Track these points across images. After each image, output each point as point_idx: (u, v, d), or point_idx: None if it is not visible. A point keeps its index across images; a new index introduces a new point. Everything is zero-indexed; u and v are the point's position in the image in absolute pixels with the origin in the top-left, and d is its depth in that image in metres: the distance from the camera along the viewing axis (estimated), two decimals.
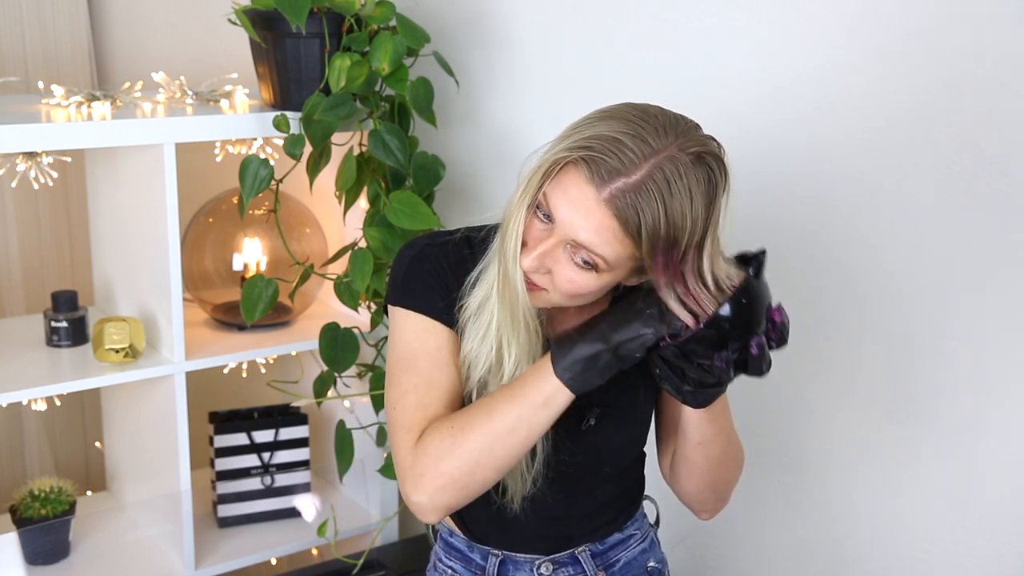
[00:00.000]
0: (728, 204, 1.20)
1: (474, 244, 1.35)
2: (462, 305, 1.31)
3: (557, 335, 1.27)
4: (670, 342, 1.19)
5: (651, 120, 1.18)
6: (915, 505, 1.62)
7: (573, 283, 1.21)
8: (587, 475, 1.41)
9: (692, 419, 1.33)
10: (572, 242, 1.19)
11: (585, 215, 1.17)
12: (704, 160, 1.17)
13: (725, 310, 1.16)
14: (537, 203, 1.21)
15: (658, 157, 1.15)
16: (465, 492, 1.26)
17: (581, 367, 1.22)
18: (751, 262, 1.22)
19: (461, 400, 1.33)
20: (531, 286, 1.24)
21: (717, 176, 1.18)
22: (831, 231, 1.65)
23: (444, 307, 1.32)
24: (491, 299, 1.28)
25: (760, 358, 1.19)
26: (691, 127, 1.19)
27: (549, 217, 1.21)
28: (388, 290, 1.37)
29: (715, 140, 1.20)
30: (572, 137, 1.19)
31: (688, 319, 1.18)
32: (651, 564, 1.51)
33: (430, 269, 1.33)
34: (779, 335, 1.20)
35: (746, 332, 1.18)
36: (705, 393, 1.24)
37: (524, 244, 1.23)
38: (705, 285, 1.18)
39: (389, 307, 1.36)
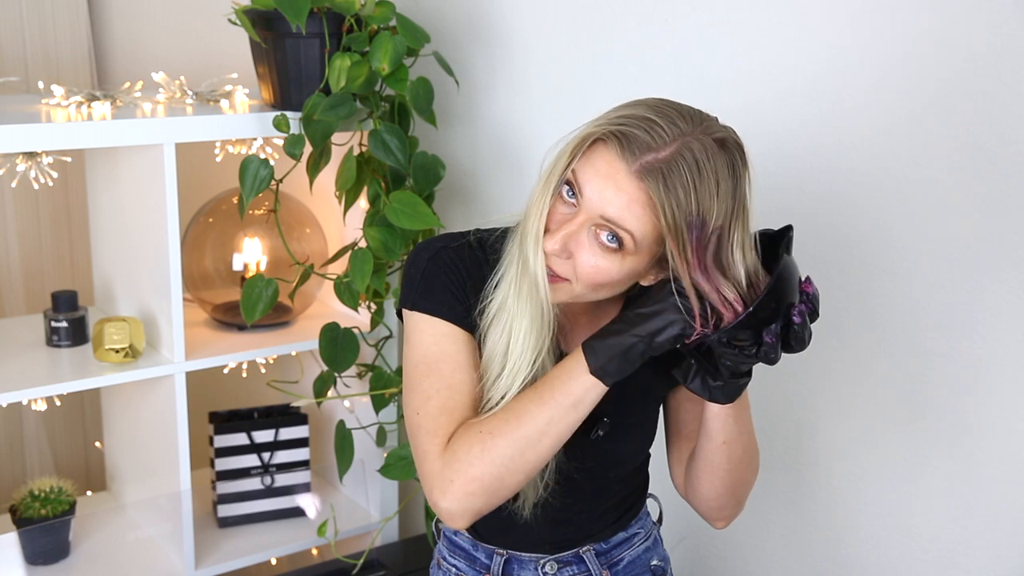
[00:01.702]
0: (752, 197, 1.21)
1: (487, 246, 1.34)
2: (482, 308, 1.30)
3: (587, 340, 1.26)
4: (709, 332, 1.18)
5: (677, 107, 1.21)
6: (915, 505, 1.62)
7: (596, 268, 1.20)
8: (595, 481, 1.41)
9: (718, 417, 1.31)
10: (599, 220, 1.19)
11: (615, 189, 1.17)
12: (727, 146, 1.19)
13: (769, 292, 1.16)
14: (565, 182, 1.21)
15: (687, 138, 1.17)
16: (494, 497, 1.25)
17: (616, 360, 1.22)
18: (782, 239, 1.22)
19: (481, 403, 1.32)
20: (552, 278, 1.23)
21: (739, 164, 1.20)
22: (831, 232, 1.65)
23: (462, 311, 1.31)
24: (509, 299, 1.27)
25: (803, 326, 1.18)
26: (713, 118, 1.22)
27: (574, 196, 1.20)
28: (403, 293, 1.34)
29: (735, 131, 1.23)
30: (600, 120, 1.21)
31: (727, 311, 1.17)
32: (654, 562, 1.52)
33: (447, 272, 1.31)
34: (811, 307, 1.20)
35: (786, 306, 1.18)
36: (735, 385, 1.24)
37: (547, 230, 1.22)
38: (725, 274, 1.18)
39: (405, 311, 1.34)
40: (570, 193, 1.21)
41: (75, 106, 1.99)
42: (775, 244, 1.23)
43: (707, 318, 1.19)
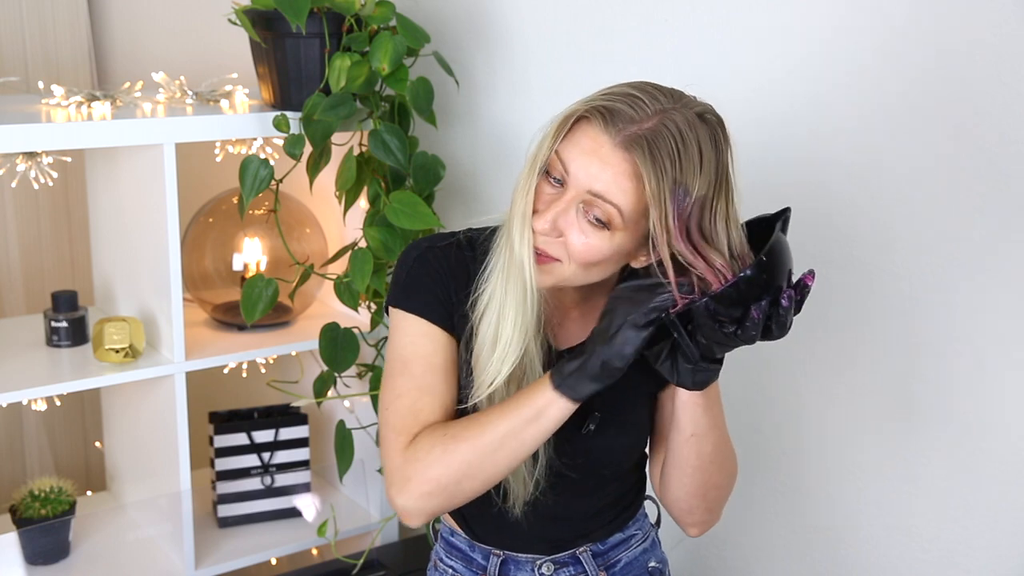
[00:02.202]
0: (735, 172, 1.23)
1: (476, 245, 1.35)
2: (473, 301, 1.30)
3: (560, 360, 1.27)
4: (698, 298, 1.18)
5: (657, 86, 1.23)
6: (915, 505, 1.62)
7: (587, 246, 1.21)
8: (588, 478, 1.41)
9: (687, 407, 1.32)
10: (586, 196, 1.19)
11: (601, 163, 1.18)
12: (707, 119, 1.21)
13: (761, 263, 1.16)
14: (551, 163, 1.22)
15: (668, 111, 1.19)
16: (451, 500, 1.27)
17: (575, 375, 1.23)
18: (779, 219, 1.24)
19: (454, 407, 1.33)
20: (544, 258, 1.24)
21: (720, 137, 1.21)
22: (831, 232, 1.65)
23: (444, 312, 1.32)
24: (498, 287, 1.27)
25: (788, 311, 1.18)
26: (692, 96, 1.24)
27: (560, 181, 1.21)
28: (389, 290, 1.37)
29: (714, 108, 1.24)
30: (582, 100, 1.22)
31: (715, 278, 1.18)
32: (652, 564, 1.52)
33: (432, 272, 1.33)
34: (801, 296, 1.20)
35: (776, 287, 1.18)
36: (705, 371, 1.24)
37: (536, 211, 1.23)
38: (711, 245, 1.18)
39: (390, 308, 1.36)
40: (556, 180, 1.22)
41: (75, 106, 1.99)
42: (771, 225, 1.24)
43: (692, 287, 1.19)
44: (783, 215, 1.25)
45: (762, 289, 1.17)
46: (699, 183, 1.17)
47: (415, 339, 1.32)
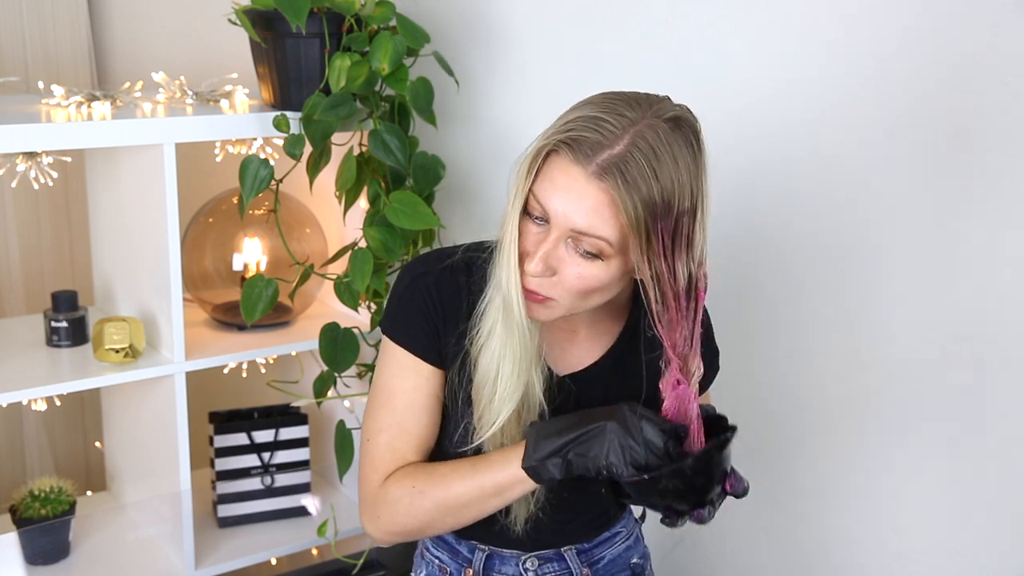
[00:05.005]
0: (708, 177, 1.20)
1: (473, 268, 1.33)
2: (471, 337, 1.30)
3: (533, 425, 1.28)
4: (642, 477, 1.19)
5: (622, 97, 1.19)
6: (915, 506, 1.62)
7: (582, 278, 1.19)
8: (587, 495, 1.44)
9: None
10: (571, 233, 1.18)
11: (578, 198, 1.16)
12: (681, 125, 1.17)
13: (688, 465, 1.18)
14: (527, 207, 1.20)
15: (637, 126, 1.15)
16: (415, 538, 1.37)
17: (544, 461, 1.24)
18: (724, 433, 1.22)
19: (433, 440, 1.37)
20: (536, 297, 1.22)
21: (694, 140, 1.18)
22: (830, 230, 1.65)
23: (429, 345, 1.32)
24: (498, 324, 1.26)
25: (700, 519, 1.22)
26: (662, 98, 1.20)
27: (543, 219, 1.19)
28: (384, 311, 1.38)
29: (688, 108, 1.21)
30: (550, 129, 1.20)
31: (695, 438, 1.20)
32: (634, 560, 1.53)
33: (419, 305, 1.32)
34: (735, 493, 1.23)
35: (697, 497, 1.20)
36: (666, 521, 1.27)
37: (527, 252, 1.21)
38: (694, 259, 1.17)
39: (382, 330, 1.38)
40: (539, 219, 1.20)
41: (75, 106, 1.99)
42: (713, 427, 1.24)
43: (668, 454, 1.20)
44: (727, 435, 1.22)
45: (686, 491, 1.19)
46: (680, 195, 1.15)
47: (400, 371, 1.34)
